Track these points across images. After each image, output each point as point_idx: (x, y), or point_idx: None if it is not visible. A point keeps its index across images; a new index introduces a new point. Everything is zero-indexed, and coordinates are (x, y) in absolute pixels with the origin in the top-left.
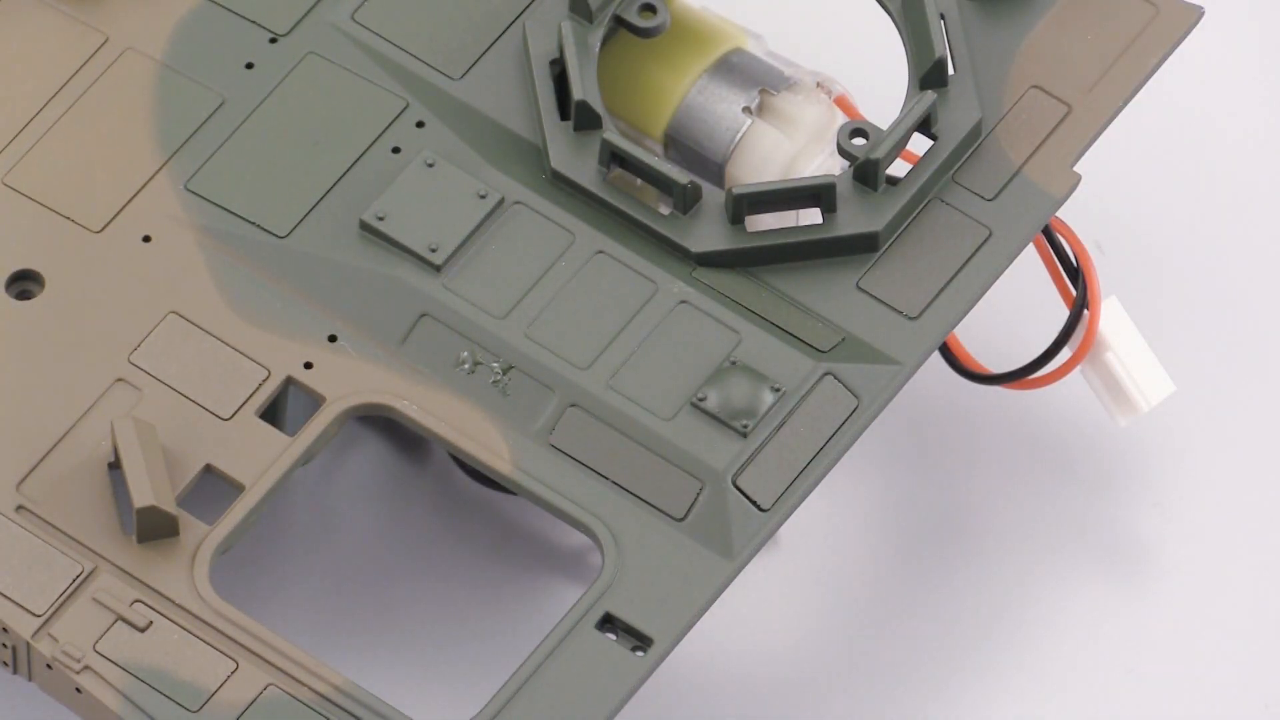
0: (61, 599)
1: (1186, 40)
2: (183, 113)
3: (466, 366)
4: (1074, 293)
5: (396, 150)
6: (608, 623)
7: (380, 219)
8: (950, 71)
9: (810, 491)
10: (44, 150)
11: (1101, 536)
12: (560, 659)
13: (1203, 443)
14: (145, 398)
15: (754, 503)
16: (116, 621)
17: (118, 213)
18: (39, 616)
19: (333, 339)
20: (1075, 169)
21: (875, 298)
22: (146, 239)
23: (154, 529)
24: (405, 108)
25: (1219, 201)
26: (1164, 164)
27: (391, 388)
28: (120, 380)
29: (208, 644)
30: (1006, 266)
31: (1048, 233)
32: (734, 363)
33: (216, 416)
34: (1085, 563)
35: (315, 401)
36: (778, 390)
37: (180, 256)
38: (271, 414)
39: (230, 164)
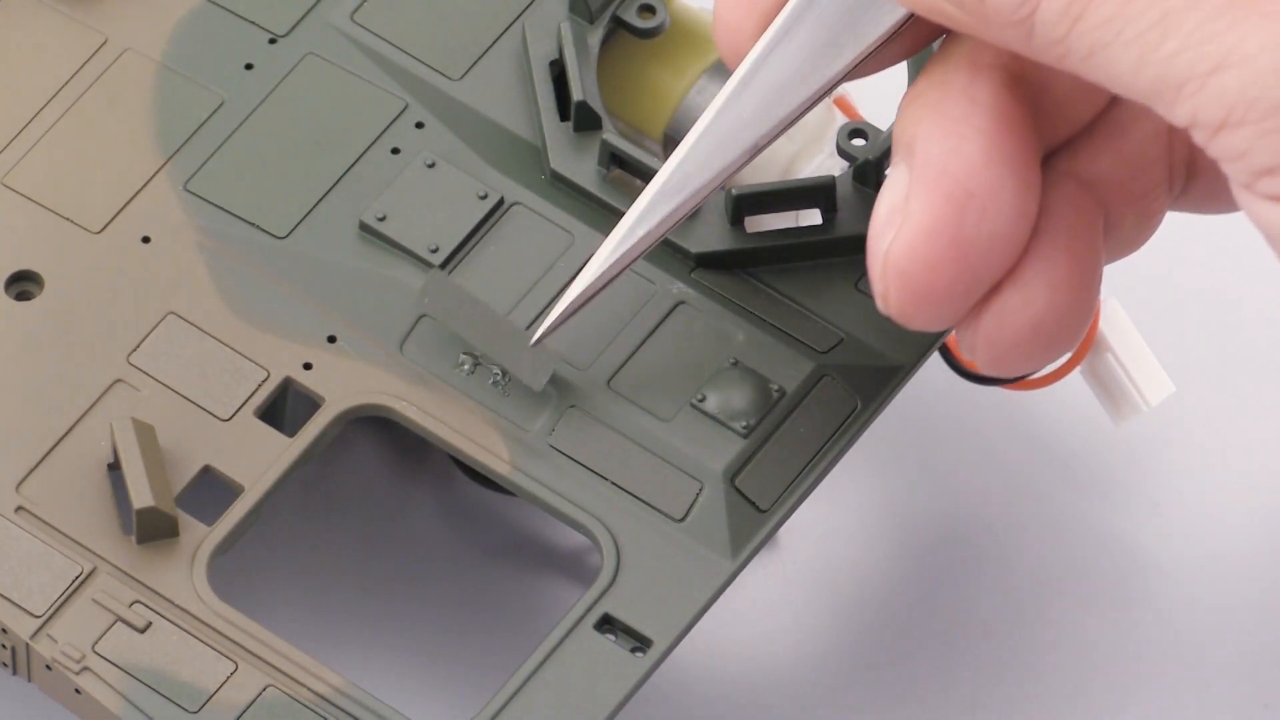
0: (61, 600)
1: None
2: (182, 113)
3: (466, 367)
4: None
5: (396, 151)
6: (607, 624)
7: (380, 220)
8: None
9: (810, 492)
10: (43, 151)
11: (1101, 537)
12: (559, 660)
13: (1203, 443)
14: (144, 398)
15: (753, 504)
16: (116, 622)
17: (117, 213)
18: (38, 617)
19: (332, 340)
20: None
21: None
22: (146, 240)
23: (153, 530)
24: (405, 108)
25: None
26: None
27: (391, 389)
28: (119, 381)
29: (207, 645)
30: None
31: None
32: (733, 363)
33: (216, 417)
34: (1084, 563)
35: (315, 402)
36: (777, 391)
37: (179, 257)
38: (271, 415)
39: (230, 165)
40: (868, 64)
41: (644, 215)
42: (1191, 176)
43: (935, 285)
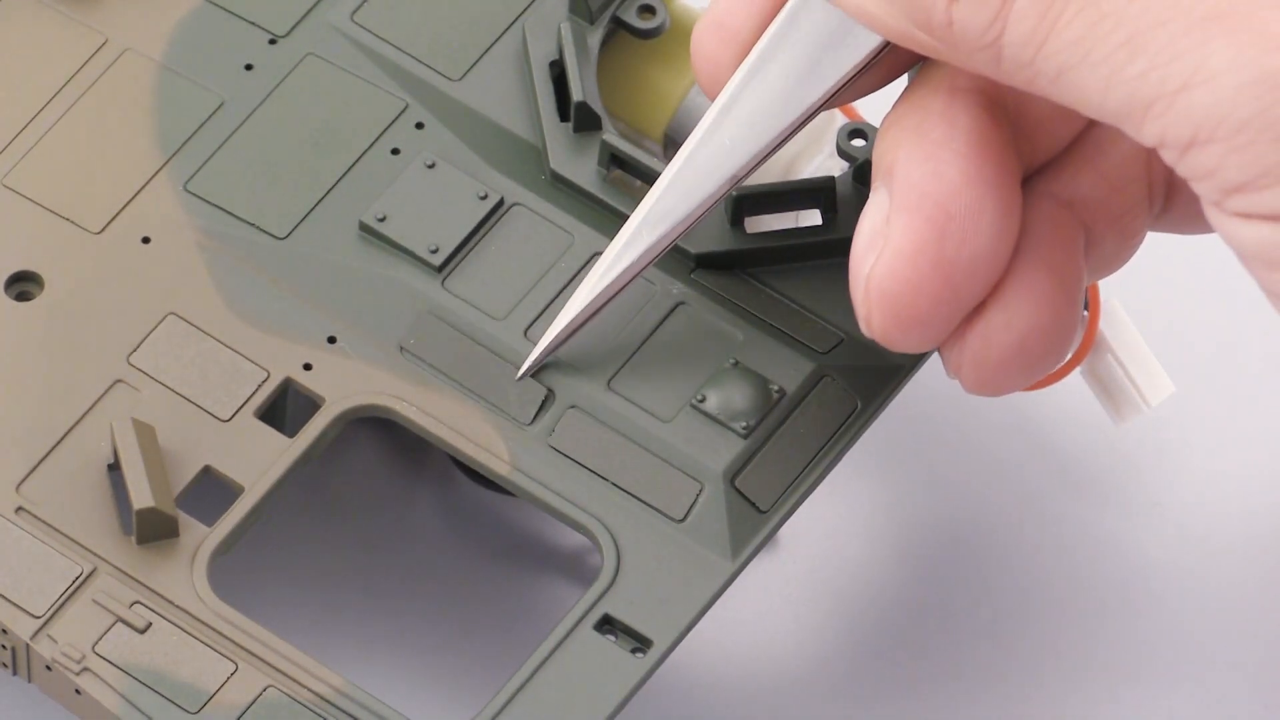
0: (61, 600)
1: None
2: (182, 114)
3: None
4: None
5: (396, 151)
6: (607, 624)
7: (380, 220)
8: None
9: (810, 493)
10: (43, 151)
11: (1101, 537)
12: (559, 661)
13: (1203, 444)
14: (144, 399)
15: (753, 504)
16: (116, 623)
17: (117, 214)
18: (38, 618)
19: (332, 340)
20: None
21: None
22: (146, 240)
23: (154, 530)
24: (405, 109)
25: None
26: None
27: (391, 389)
28: (120, 381)
29: (207, 645)
30: None
31: None
32: (734, 364)
33: (216, 418)
34: (1084, 562)
35: (315, 403)
36: (777, 391)
37: (180, 258)
38: (271, 415)
39: (230, 165)
40: (846, 91)
41: (625, 248)
42: (1170, 196)
43: (918, 307)
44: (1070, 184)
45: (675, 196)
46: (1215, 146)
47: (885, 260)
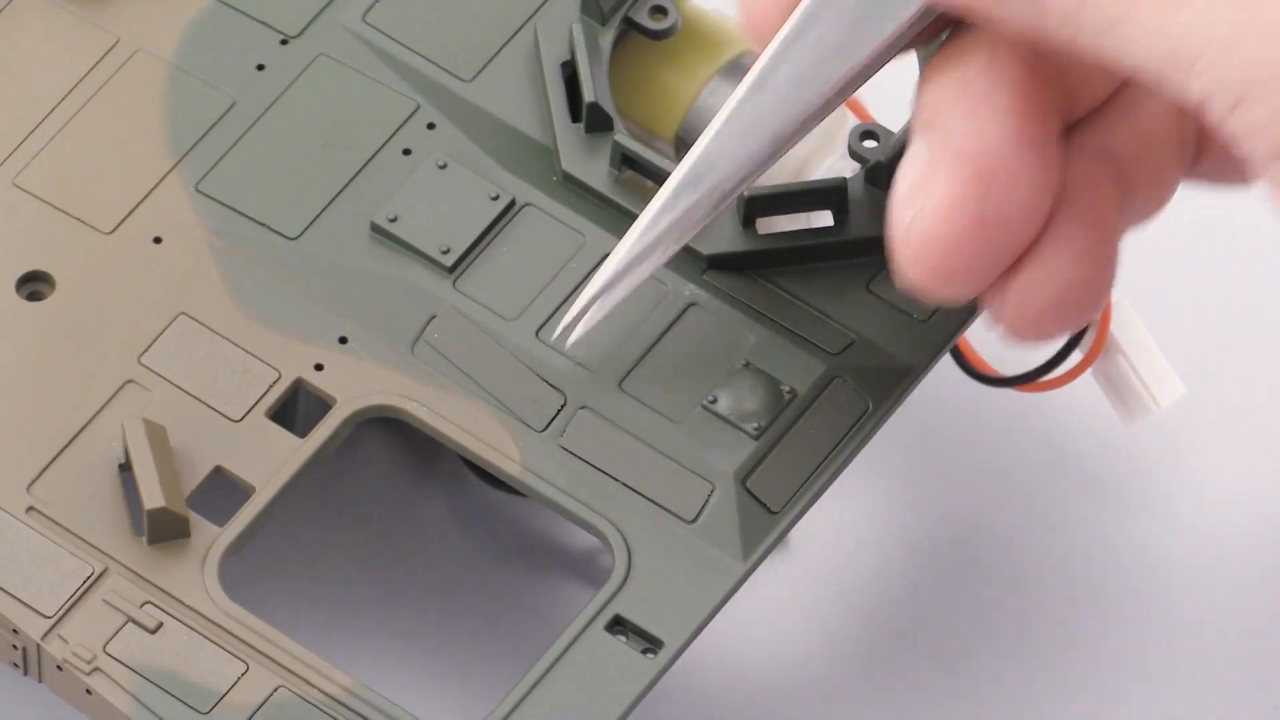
0: (72, 600)
1: None
2: (193, 114)
3: None
4: None
5: (407, 152)
6: (618, 625)
7: (391, 221)
8: None
9: (821, 494)
10: (54, 152)
11: (1111, 538)
12: (570, 661)
13: (1214, 445)
14: (156, 399)
15: (764, 505)
16: (127, 623)
17: (128, 214)
18: (49, 618)
19: (343, 340)
20: None
21: (886, 300)
22: (157, 240)
23: (165, 530)
24: (416, 109)
25: (1226, 200)
26: None
27: (402, 389)
28: (131, 382)
29: (218, 646)
30: None
31: None
32: (745, 365)
33: (227, 418)
34: (1094, 565)
35: (326, 403)
36: (788, 392)
37: (191, 258)
38: (282, 416)
39: (241, 166)
40: (893, 50)
41: (666, 206)
42: (1201, 150)
43: (958, 261)
44: (1106, 138)
45: (716, 154)
46: (1266, 103)
47: (926, 214)
